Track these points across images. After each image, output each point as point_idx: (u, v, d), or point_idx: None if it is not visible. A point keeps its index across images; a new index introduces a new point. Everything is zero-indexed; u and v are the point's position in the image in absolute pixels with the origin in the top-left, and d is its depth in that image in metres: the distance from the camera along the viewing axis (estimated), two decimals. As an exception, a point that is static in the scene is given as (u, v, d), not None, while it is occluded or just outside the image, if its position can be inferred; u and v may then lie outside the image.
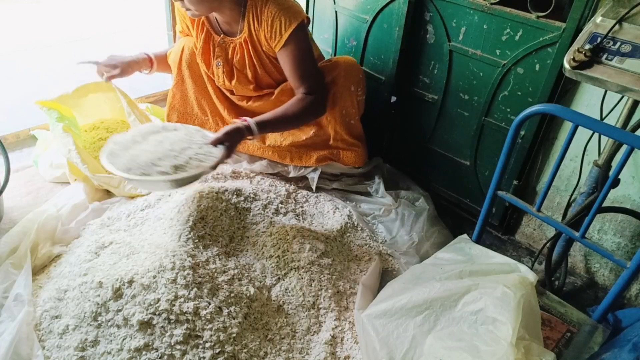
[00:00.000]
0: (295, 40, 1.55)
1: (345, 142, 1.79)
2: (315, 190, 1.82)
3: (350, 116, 1.75)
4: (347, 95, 1.70)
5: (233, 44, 1.65)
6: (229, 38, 1.66)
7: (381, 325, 1.18)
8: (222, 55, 1.68)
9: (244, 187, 1.67)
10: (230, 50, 1.67)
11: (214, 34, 1.68)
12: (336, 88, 1.69)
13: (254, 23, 1.58)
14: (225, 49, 1.67)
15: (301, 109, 1.60)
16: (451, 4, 1.59)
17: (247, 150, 1.84)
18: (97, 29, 3.57)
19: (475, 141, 1.71)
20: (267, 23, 1.54)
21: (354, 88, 1.71)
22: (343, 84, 1.68)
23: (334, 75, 1.68)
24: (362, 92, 1.76)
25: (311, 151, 1.80)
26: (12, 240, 1.39)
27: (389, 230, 1.71)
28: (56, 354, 1.14)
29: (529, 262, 1.67)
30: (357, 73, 1.71)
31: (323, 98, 1.66)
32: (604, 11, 1.14)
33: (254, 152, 1.83)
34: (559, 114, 1.15)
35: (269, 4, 1.53)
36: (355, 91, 1.72)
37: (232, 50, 1.67)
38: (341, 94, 1.70)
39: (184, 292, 1.21)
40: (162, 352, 1.12)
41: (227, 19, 1.61)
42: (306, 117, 1.66)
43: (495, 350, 1.01)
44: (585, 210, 1.30)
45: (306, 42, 1.60)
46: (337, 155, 1.82)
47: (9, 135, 2.03)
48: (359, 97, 1.75)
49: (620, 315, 1.31)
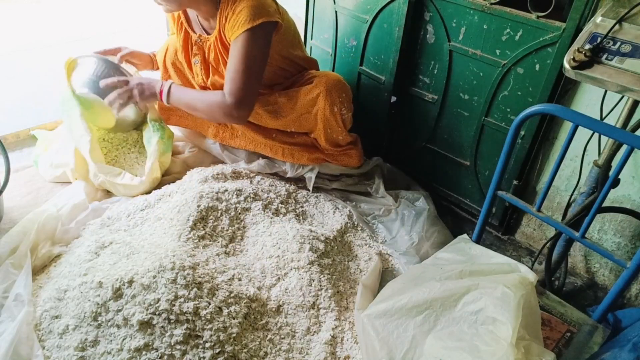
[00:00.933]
0: (250, 39, 1.46)
1: (336, 151, 1.80)
2: (315, 190, 1.82)
3: (337, 133, 1.73)
4: (330, 116, 1.66)
5: (209, 42, 1.62)
6: (205, 36, 1.63)
7: (381, 325, 1.18)
8: (199, 54, 1.67)
9: (244, 187, 1.67)
10: (206, 48, 1.65)
11: (192, 32, 1.66)
12: (317, 110, 1.66)
13: (224, 19, 1.52)
14: (202, 47, 1.66)
15: (211, 104, 1.55)
16: (451, 4, 1.59)
17: (239, 145, 1.83)
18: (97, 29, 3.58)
19: (475, 141, 1.71)
20: (233, 13, 1.47)
21: (336, 109, 1.66)
22: (323, 107, 1.64)
23: (314, 96, 1.64)
24: (347, 109, 1.70)
25: (303, 151, 1.78)
26: (12, 240, 1.39)
27: (389, 230, 1.71)
28: (56, 354, 1.14)
29: (529, 262, 1.67)
30: (339, 94, 1.65)
31: (238, 108, 1.54)
32: (604, 11, 1.14)
33: (246, 146, 1.82)
34: (559, 114, 1.15)
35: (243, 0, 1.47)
36: (339, 111, 1.67)
37: (207, 48, 1.65)
38: (322, 116, 1.66)
39: (184, 292, 1.21)
40: (162, 352, 1.12)
41: (204, 15, 1.57)
42: (211, 114, 1.58)
43: (495, 350, 1.01)
44: (585, 210, 1.30)
45: (260, 46, 1.49)
46: (331, 157, 1.82)
47: (9, 135, 2.03)
48: (343, 115, 1.70)
49: (620, 315, 1.31)
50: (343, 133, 1.75)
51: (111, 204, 1.66)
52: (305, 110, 1.68)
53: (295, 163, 1.80)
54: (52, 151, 1.80)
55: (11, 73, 2.79)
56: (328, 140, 1.75)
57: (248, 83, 1.51)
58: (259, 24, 1.45)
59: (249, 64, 1.49)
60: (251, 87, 1.52)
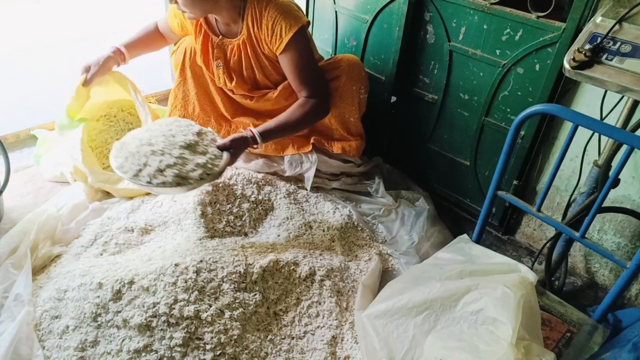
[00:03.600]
0: (296, 45, 1.56)
1: (341, 135, 1.81)
2: (315, 190, 1.81)
3: (351, 114, 1.76)
4: (349, 94, 1.71)
5: (231, 45, 1.65)
6: (228, 39, 1.66)
7: (381, 325, 1.18)
8: (221, 57, 1.68)
9: (245, 188, 1.67)
10: (228, 51, 1.67)
11: (213, 35, 1.68)
12: (338, 87, 1.70)
13: (254, 26, 1.58)
14: (224, 50, 1.67)
15: (303, 114, 1.61)
16: (451, 4, 1.59)
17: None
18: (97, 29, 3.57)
19: (475, 141, 1.71)
20: (267, 27, 1.55)
21: (355, 87, 1.71)
22: (345, 83, 1.69)
23: (336, 74, 1.69)
24: (364, 90, 1.76)
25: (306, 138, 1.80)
26: (12, 240, 1.39)
27: (389, 230, 1.71)
28: (56, 354, 1.14)
29: (529, 262, 1.67)
30: (359, 72, 1.72)
31: (325, 100, 1.67)
32: (604, 11, 1.14)
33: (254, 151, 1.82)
34: (559, 114, 1.15)
35: (270, 7, 1.53)
36: (358, 90, 1.72)
37: (230, 51, 1.67)
38: (342, 93, 1.70)
39: (184, 295, 1.21)
40: (162, 355, 1.12)
41: (226, 20, 1.61)
42: (309, 121, 1.66)
43: (495, 350, 1.02)
44: (585, 210, 1.30)
45: (306, 46, 1.60)
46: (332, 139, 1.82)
47: (9, 135, 2.03)
48: (361, 95, 1.75)
49: (620, 315, 1.31)
50: (355, 115, 1.77)
51: (111, 204, 1.66)
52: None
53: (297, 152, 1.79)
54: (54, 152, 1.79)
55: (11, 73, 2.79)
56: (340, 121, 1.76)
57: (318, 79, 1.64)
58: (297, 30, 1.53)
59: (306, 66, 1.60)
60: (320, 79, 1.66)
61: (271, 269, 1.37)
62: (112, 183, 1.68)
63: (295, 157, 1.79)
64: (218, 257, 1.34)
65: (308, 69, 1.61)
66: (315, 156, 1.79)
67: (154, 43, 1.90)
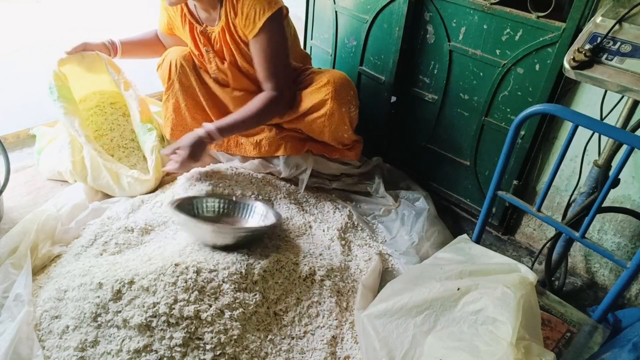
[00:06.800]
0: (269, 31, 1.51)
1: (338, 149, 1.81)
2: (315, 190, 1.81)
3: (343, 132, 1.73)
4: (338, 116, 1.66)
5: (214, 33, 1.63)
6: (210, 27, 1.63)
7: (381, 325, 1.18)
8: (207, 44, 1.67)
9: (245, 189, 1.67)
10: (212, 39, 1.65)
11: (196, 24, 1.66)
12: (326, 111, 1.64)
13: (231, 11, 1.54)
14: (208, 37, 1.66)
15: (261, 108, 1.58)
16: (451, 4, 1.59)
17: (243, 152, 1.82)
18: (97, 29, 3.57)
19: (475, 141, 1.71)
20: (241, 11, 1.52)
21: (345, 109, 1.67)
22: (332, 107, 1.64)
23: (323, 97, 1.63)
24: (354, 107, 1.71)
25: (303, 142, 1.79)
26: (12, 240, 1.39)
27: (389, 230, 1.71)
28: (56, 354, 1.14)
29: (529, 262, 1.67)
30: (347, 93, 1.66)
31: (285, 98, 1.63)
32: (604, 11, 1.14)
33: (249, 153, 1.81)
34: (559, 114, 1.15)
35: None
36: (347, 110, 1.68)
37: (213, 39, 1.65)
38: (331, 116, 1.65)
39: (184, 295, 1.21)
40: (162, 355, 1.12)
41: (205, 5, 1.58)
42: (266, 116, 1.63)
43: (495, 350, 1.01)
44: (585, 210, 1.30)
45: (280, 33, 1.55)
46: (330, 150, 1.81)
47: (9, 135, 2.03)
48: (351, 113, 1.71)
49: (620, 315, 1.31)
50: (349, 131, 1.75)
51: (111, 204, 1.66)
52: (314, 110, 1.67)
53: (295, 155, 1.78)
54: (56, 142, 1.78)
55: (11, 73, 2.78)
56: (333, 138, 1.74)
57: (285, 74, 1.61)
58: (271, 15, 1.49)
59: (276, 56, 1.56)
60: (287, 75, 1.63)
61: (271, 269, 1.37)
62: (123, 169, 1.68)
63: (292, 159, 1.78)
64: (218, 257, 1.34)
65: (277, 59, 1.56)
66: (311, 159, 1.79)
67: (151, 47, 1.90)
